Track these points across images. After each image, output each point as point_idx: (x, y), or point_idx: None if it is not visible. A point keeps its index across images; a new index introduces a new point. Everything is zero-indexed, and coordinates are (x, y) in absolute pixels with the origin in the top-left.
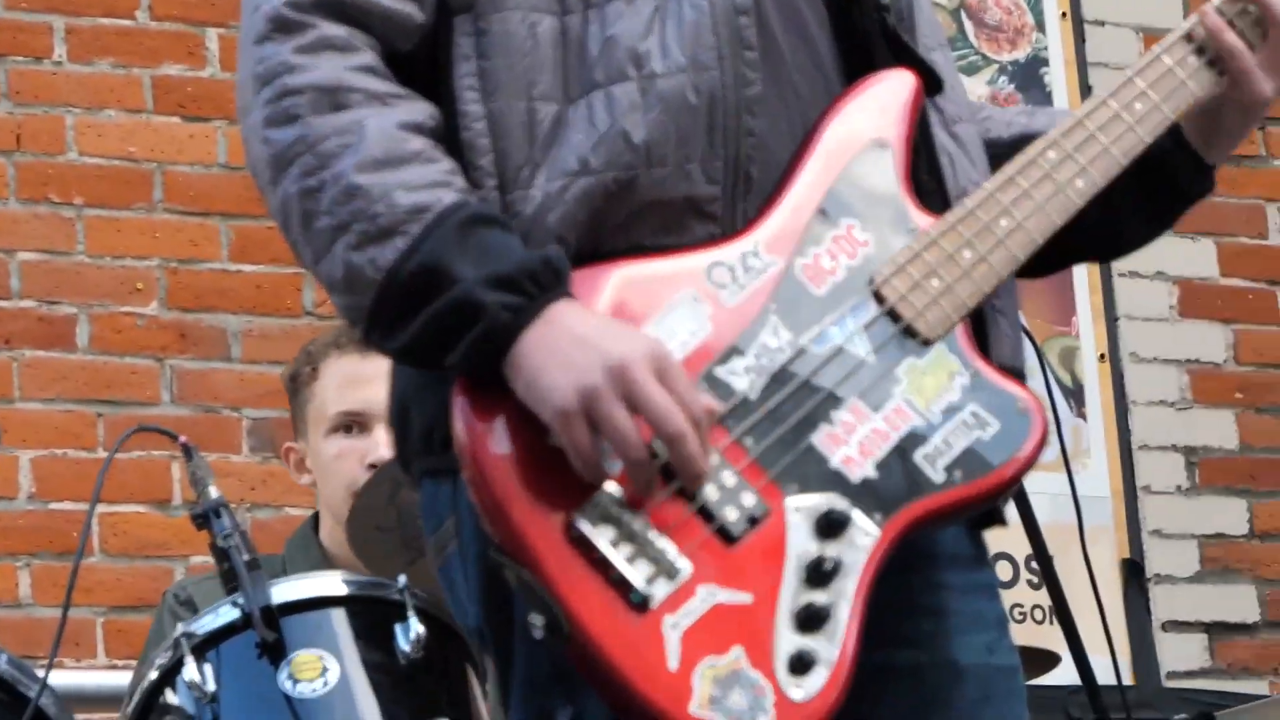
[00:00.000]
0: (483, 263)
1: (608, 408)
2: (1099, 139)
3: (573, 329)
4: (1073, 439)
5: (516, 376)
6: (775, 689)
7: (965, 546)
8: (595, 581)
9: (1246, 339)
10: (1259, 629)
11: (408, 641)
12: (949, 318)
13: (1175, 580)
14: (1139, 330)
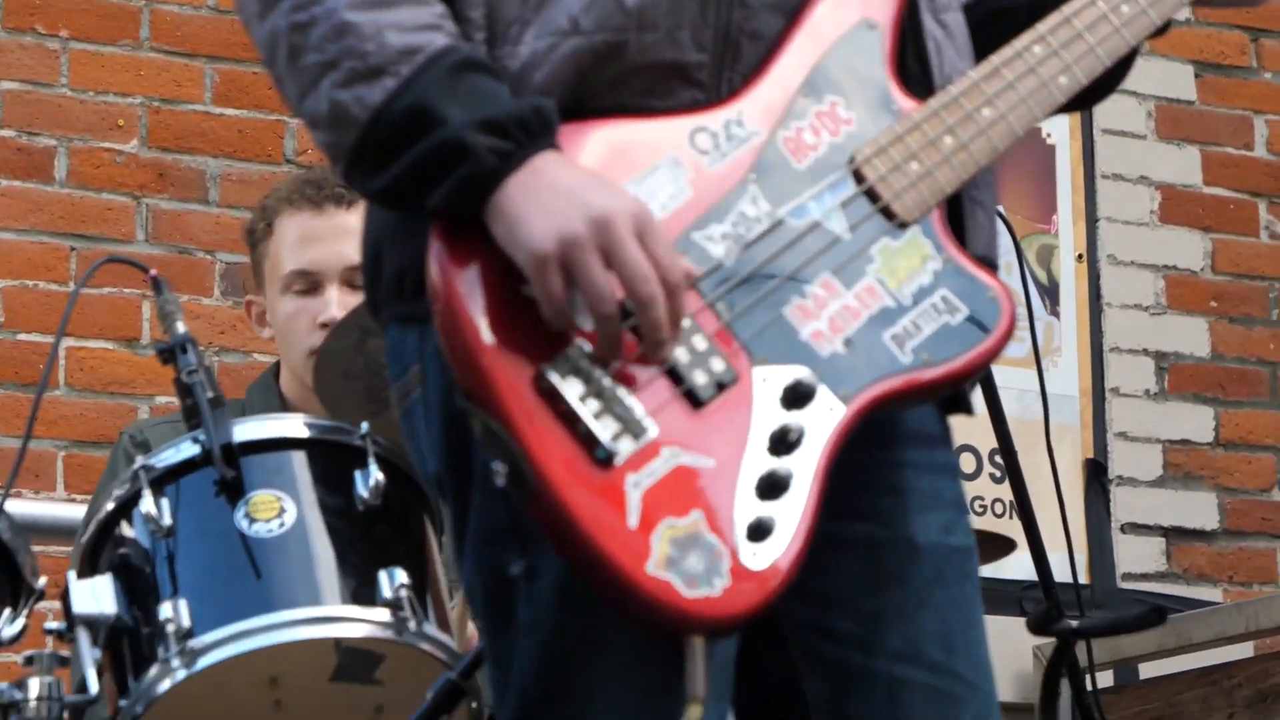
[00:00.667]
0: (472, 107)
1: (585, 258)
2: (1085, 38)
3: (558, 179)
4: (1045, 337)
5: (497, 221)
6: (732, 554)
7: (929, 425)
8: (561, 434)
9: (1224, 248)
10: (1217, 536)
11: (366, 488)
12: (926, 201)
13: (1137, 483)
14: (1118, 233)
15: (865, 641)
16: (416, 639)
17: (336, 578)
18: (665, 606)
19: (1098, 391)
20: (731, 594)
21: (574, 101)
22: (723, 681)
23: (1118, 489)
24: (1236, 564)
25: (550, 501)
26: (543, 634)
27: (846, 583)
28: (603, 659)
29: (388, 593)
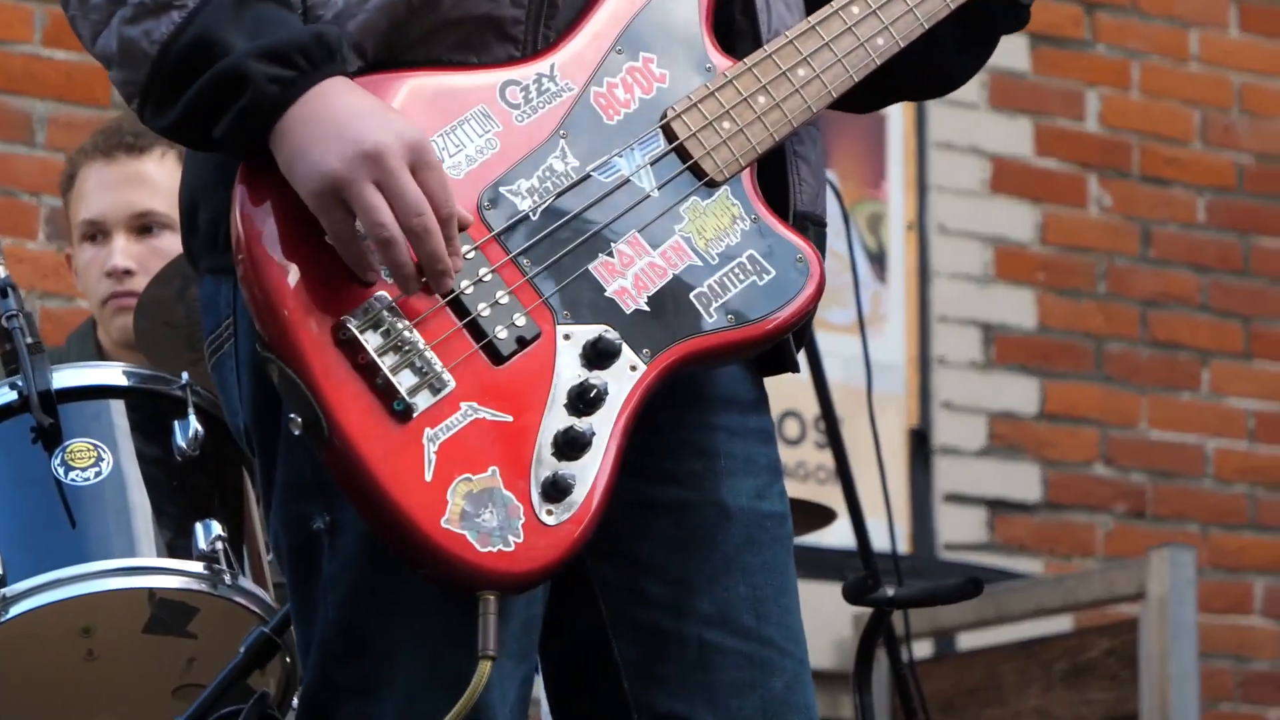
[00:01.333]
0: (255, 35)
1: (357, 190)
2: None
3: (337, 109)
4: (872, 304)
5: (279, 153)
6: (528, 511)
7: (743, 390)
8: (359, 385)
9: (1054, 221)
10: (1039, 509)
11: (185, 439)
12: (736, 161)
13: (961, 454)
14: (948, 202)
15: (676, 605)
16: (231, 592)
17: (152, 528)
18: (458, 562)
19: (924, 360)
20: (524, 551)
21: (387, 54)
22: (528, 641)
23: (941, 459)
24: (1057, 537)
25: (345, 452)
26: (345, 589)
27: (657, 546)
28: (403, 615)
29: (203, 545)
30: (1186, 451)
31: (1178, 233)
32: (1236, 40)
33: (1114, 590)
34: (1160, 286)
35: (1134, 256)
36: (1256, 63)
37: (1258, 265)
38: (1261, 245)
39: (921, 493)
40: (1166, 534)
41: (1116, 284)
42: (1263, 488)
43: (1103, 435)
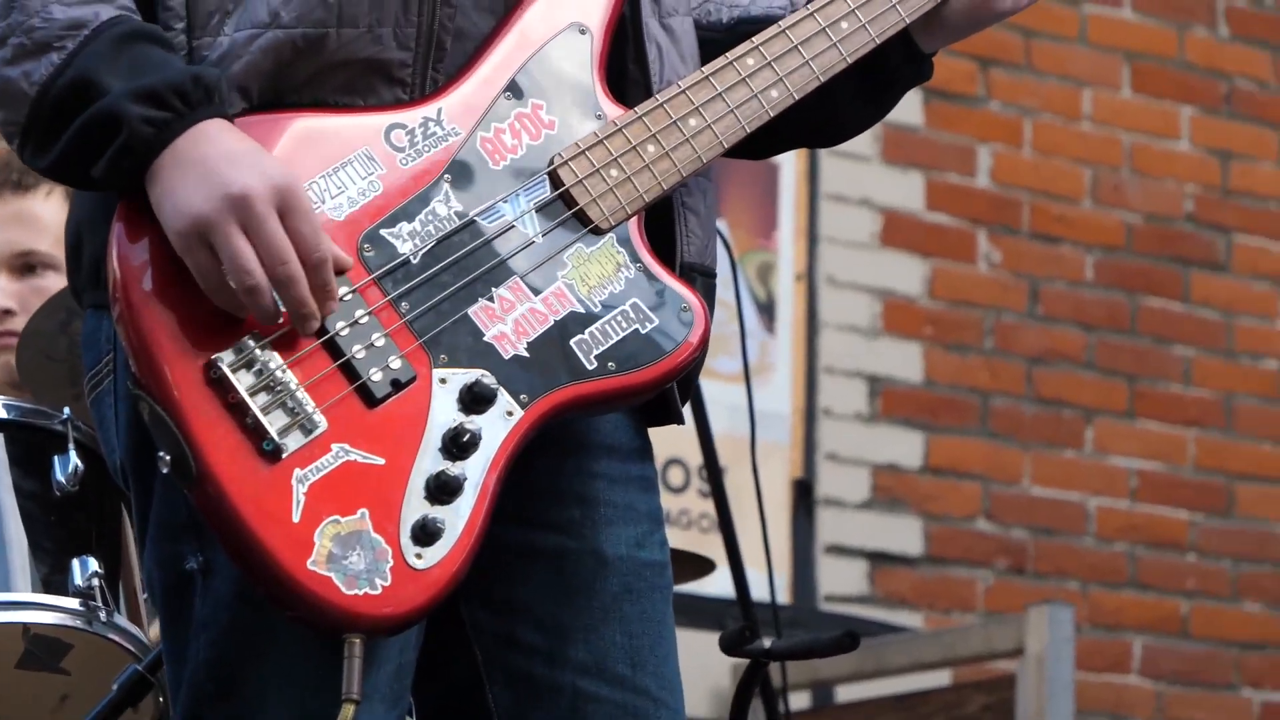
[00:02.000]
0: (133, 76)
1: (222, 234)
2: (800, 53)
3: (208, 151)
4: (760, 354)
5: (152, 194)
6: (396, 554)
7: (626, 438)
8: (228, 425)
9: (942, 275)
10: (920, 563)
11: (64, 474)
12: (623, 209)
13: (844, 505)
14: (838, 254)
15: (550, 653)
16: (105, 629)
17: (29, 563)
18: (322, 604)
19: (809, 411)
20: (391, 594)
21: (273, 95)
22: (400, 686)
23: (824, 510)
24: (938, 591)
25: (211, 491)
26: (217, 630)
27: (534, 593)
28: (273, 657)
29: (80, 581)
30: (1068, 509)
31: (1066, 290)
32: (1128, 100)
33: (992, 646)
34: (1047, 344)
35: (1021, 313)
36: (1147, 123)
37: (1144, 325)
38: (1148, 305)
39: (803, 544)
40: (1047, 591)
41: (1003, 340)
42: (1143, 547)
43: (985, 490)
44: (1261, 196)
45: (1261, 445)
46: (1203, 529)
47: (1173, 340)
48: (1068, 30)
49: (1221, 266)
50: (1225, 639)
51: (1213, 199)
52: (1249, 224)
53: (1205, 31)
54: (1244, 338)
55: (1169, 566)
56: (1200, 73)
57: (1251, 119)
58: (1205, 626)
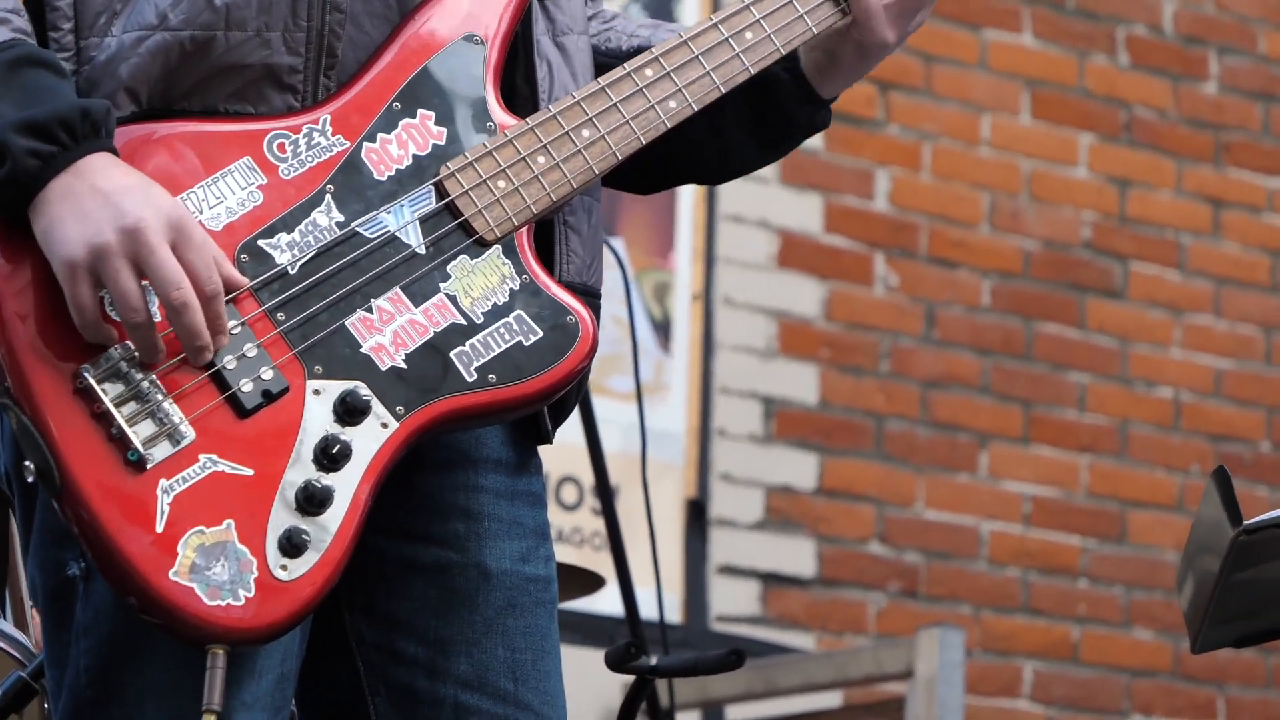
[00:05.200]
0: (22, 104)
1: (112, 268)
2: (701, 63)
3: (97, 184)
4: (655, 373)
5: (37, 224)
6: (261, 565)
7: (512, 453)
8: (94, 435)
9: (839, 298)
10: (812, 584)
11: None
12: (510, 220)
13: (737, 526)
14: (735, 275)
15: (431, 666)
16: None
17: None
18: (184, 614)
19: (704, 431)
20: (254, 606)
21: (161, 101)
22: (281, 696)
23: (717, 530)
24: (829, 613)
25: (74, 500)
26: (98, 637)
27: (416, 606)
28: (152, 665)
29: None
30: (961, 533)
31: (962, 315)
32: (1027, 127)
33: (883, 668)
34: (942, 368)
35: (917, 337)
36: (1046, 150)
37: (1040, 351)
38: (1044, 331)
39: (696, 564)
40: (938, 614)
41: (899, 363)
42: (1035, 572)
43: (879, 513)
44: (1158, 224)
45: (1154, 472)
46: (1095, 555)
47: (1068, 366)
48: (968, 56)
49: (1117, 294)
50: (1116, 665)
51: (1110, 226)
52: (1145, 252)
53: (1105, 60)
54: (1139, 365)
55: (1061, 592)
56: (1099, 100)
57: (1150, 147)
58: (1096, 652)
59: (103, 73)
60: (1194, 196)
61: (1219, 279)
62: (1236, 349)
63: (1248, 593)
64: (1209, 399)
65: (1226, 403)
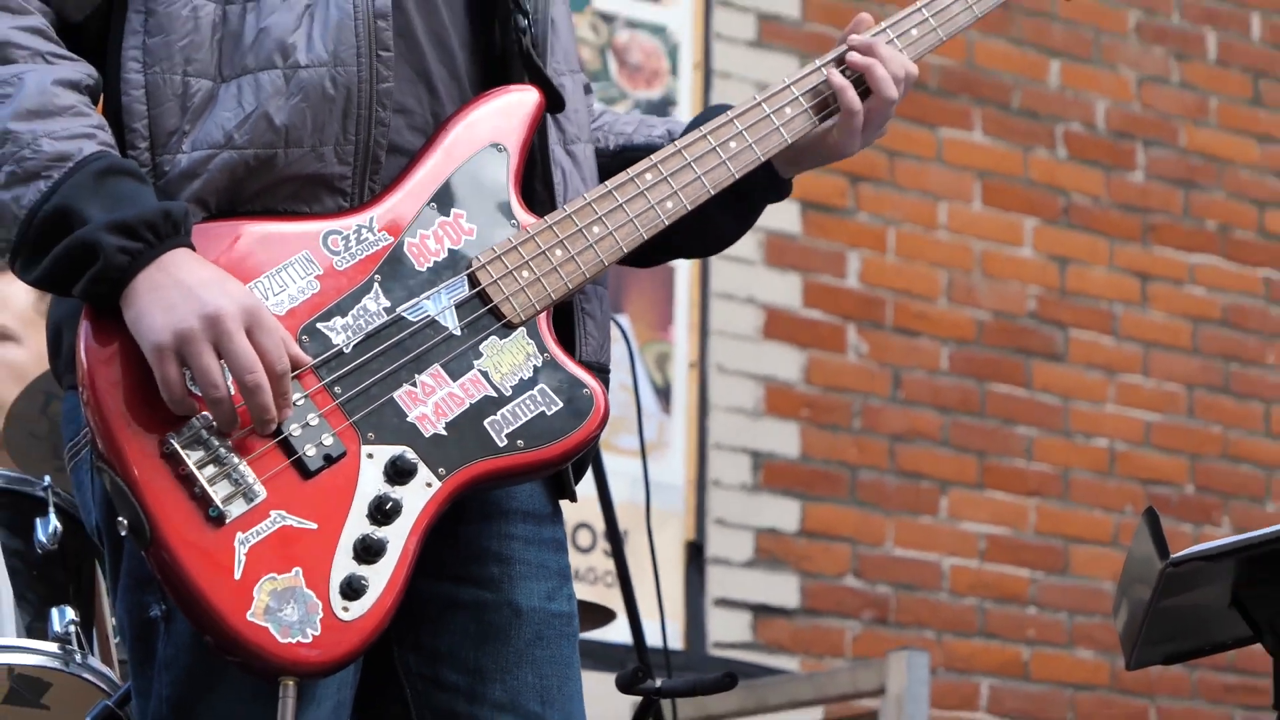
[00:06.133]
0: (111, 208)
1: (197, 350)
2: (693, 168)
3: (180, 277)
4: (657, 432)
5: (127, 312)
6: (326, 608)
7: (539, 505)
8: (179, 494)
9: (817, 364)
10: (797, 614)
11: (45, 535)
12: (533, 305)
13: (730, 564)
14: (726, 345)
15: (470, 692)
16: (81, 669)
17: (14, 612)
18: (260, 650)
19: (701, 482)
20: (321, 643)
21: (228, 206)
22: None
23: (713, 568)
24: (812, 639)
25: (163, 551)
26: (177, 670)
27: (456, 639)
28: (224, 695)
29: (58, 628)
30: (926, 568)
31: (924, 378)
32: (978, 213)
33: (858, 687)
34: (907, 424)
35: (885, 397)
36: (995, 233)
37: (992, 408)
38: (996, 391)
39: (695, 597)
40: (906, 639)
41: (869, 421)
42: (990, 601)
43: (854, 552)
44: (1094, 297)
45: (1094, 513)
46: (1042, 585)
47: (1017, 422)
48: (926, 151)
49: (1059, 358)
50: (1061, 681)
51: (1052, 299)
52: (1083, 321)
53: (1046, 153)
54: (1079, 420)
55: (1013, 618)
56: (1041, 189)
57: (1086, 229)
58: (1044, 670)
59: (176, 186)
60: (1125, 272)
61: (1147, 343)
62: (1163, 404)
63: (1175, 617)
64: (1140, 448)
65: (1155, 451)
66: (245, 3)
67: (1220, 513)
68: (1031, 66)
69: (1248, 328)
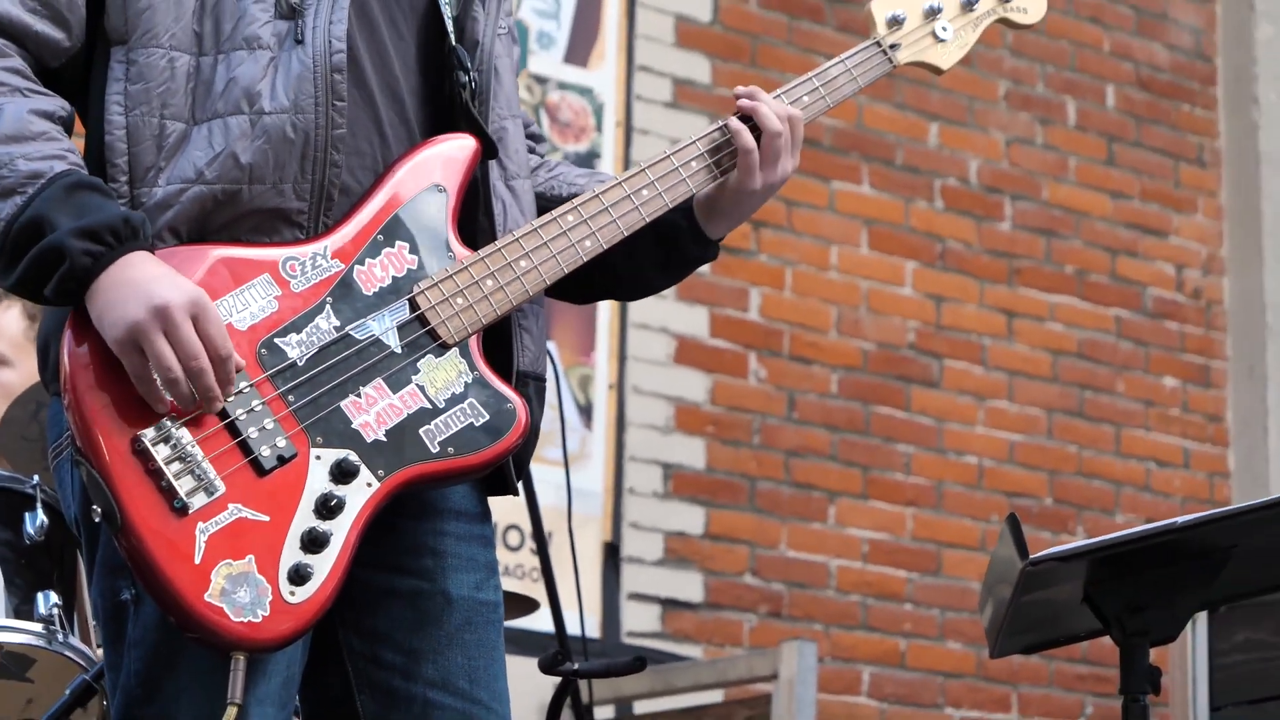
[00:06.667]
0: (78, 216)
1: (149, 339)
2: (610, 212)
3: (134, 276)
4: (580, 445)
5: (91, 310)
6: (275, 591)
7: (470, 504)
8: (148, 486)
9: (722, 387)
10: (701, 608)
11: (33, 527)
12: (465, 329)
13: (643, 563)
14: (641, 369)
15: (406, 670)
16: (62, 648)
17: (3, 596)
18: (215, 628)
19: (617, 490)
20: (269, 622)
21: (198, 235)
22: (287, 694)
23: (627, 566)
24: (714, 630)
25: (132, 537)
26: (145, 648)
27: (394, 623)
28: (186, 669)
29: (43, 610)
30: (815, 568)
31: (816, 400)
32: (865, 256)
33: (754, 672)
34: (801, 441)
35: (782, 417)
36: (880, 274)
37: (875, 428)
38: (879, 413)
39: (611, 592)
40: (797, 630)
41: (768, 437)
42: (872, 598)
43: (752, 553)
44: (966, 331)
45: (963, 521)
46: (918, 585)
47: (897, 440)
48: (820, 201)
49: (935, 384)
50: (933, 669)
51: (929, 332)
52: (956, 352)
53: (925, 204)
54: (951, 439)
55: (891, 613)
56: (921, 235)
57: (960, 271)
58: (918, 660)
59: (151, 215)
60: (993, 309)
61: (1012, 372)
62: (1026, 427)
63: (1033, 611)
64: (1005, 465)
65: (1018, 468)
66: (216, 55)
67: (1075, 523)
68: (913, 128)
69: (1100, 360)
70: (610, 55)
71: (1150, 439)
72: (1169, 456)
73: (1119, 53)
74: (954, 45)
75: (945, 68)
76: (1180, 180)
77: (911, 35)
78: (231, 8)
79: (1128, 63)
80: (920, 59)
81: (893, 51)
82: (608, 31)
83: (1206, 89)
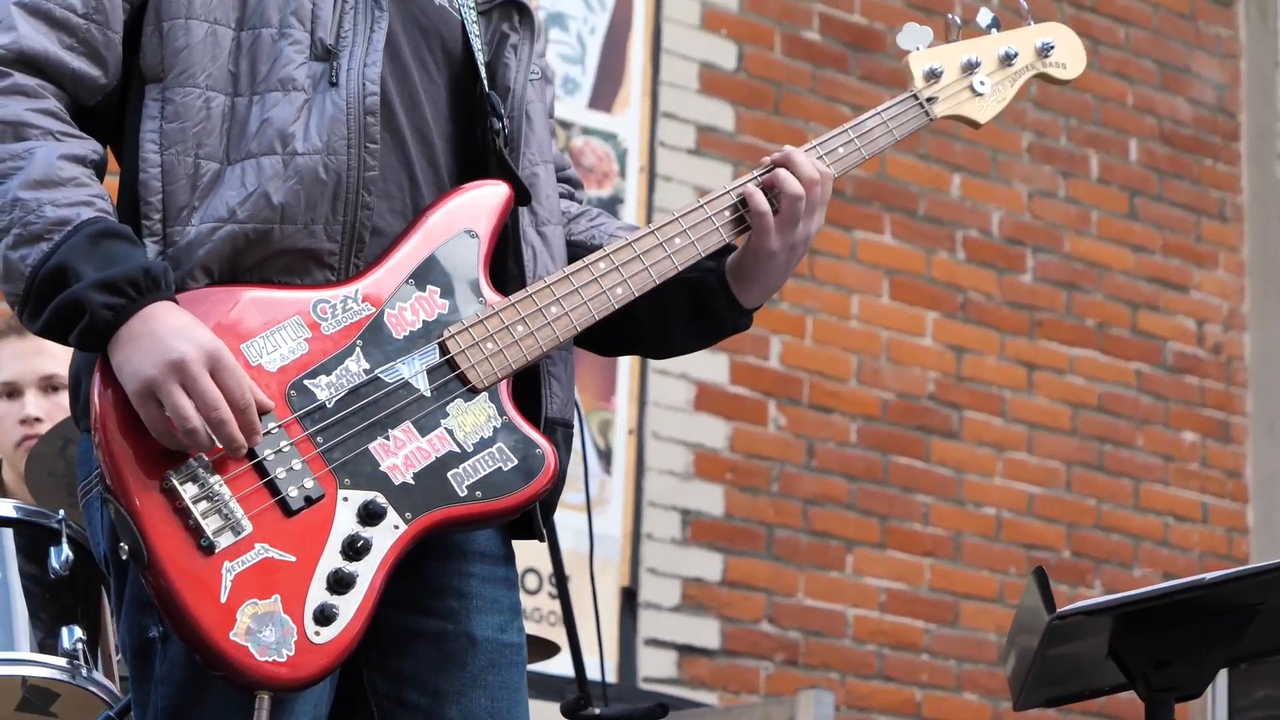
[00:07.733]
0: (101, 267)
1: (165, 391)
2: (641, 260)
3: (154, 327)
4: (599, 490)
5: (113, 360)
6: (300, 631)
7: (495, 547)
8: (175, 525)
9: (741, 434)
10: (717, 654)
11: (58, 562)
12: (495, 374)
13: (660, 609)
14: (661, 415)
15: (430, 711)
16: (86, 682)
17: (28, 629)
18: (240, 667)
19: (636, 535)
20: (294, 662)
21: (230, 275)
22: None
23: (644, 612)
24: (730, 677)
25: (158, 575)
26: (172, 685)
27: (419, 665)
28: (212, 707)
29: (67, 644)
30: (832, 617)
31: (835, 449)
32: (886, 305)
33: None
34: (819, 489)
35: (800, 465)
36: (901, 324)
37: (894, 478)
38: (898, 462)
39: (628, 637)
40: (813, 679)
41: (786, 486)
42: (888, 648)
43: (769, 601)
44: (986, 382)
45: (981, 573)
46: (935, 635)
47: (915, 490)
48: (842, 250)
49: (954, 435)
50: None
51: (949, 383)
52: (976, 404)
53: (947, 255)
54: (970, 490)
55: (908, 664)
56: (942, 286)
57: (980, 323)
58: (934, 710)
59: (184, 253)
60: (1013, 361)
61: (1032, 424)
62: (1045, 479)
63: (1058, 665)
64: (1023, 517)
65: (1037, 520)
66: (251, 96)
67: (1093, 575)
68: (936, 179)
69: (1120, 413)
70: (635, 101)
71: (1169, 493)
72: (1188, 511)
73: (1142, 107)
74: (992, 99)
75: (982, 122)
76: (1202, 235)
77: (949, 89)
78: (268, 49)
79: (1151, 117)
80: (957, 112)
81: (930, 105)
82: (632, 77)
83: (1229, 144)
